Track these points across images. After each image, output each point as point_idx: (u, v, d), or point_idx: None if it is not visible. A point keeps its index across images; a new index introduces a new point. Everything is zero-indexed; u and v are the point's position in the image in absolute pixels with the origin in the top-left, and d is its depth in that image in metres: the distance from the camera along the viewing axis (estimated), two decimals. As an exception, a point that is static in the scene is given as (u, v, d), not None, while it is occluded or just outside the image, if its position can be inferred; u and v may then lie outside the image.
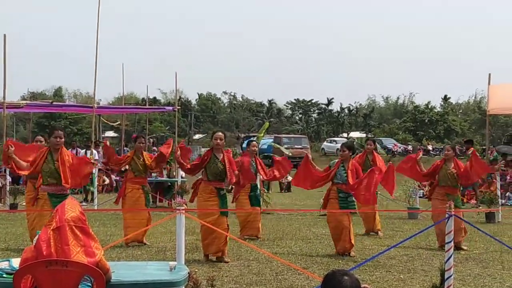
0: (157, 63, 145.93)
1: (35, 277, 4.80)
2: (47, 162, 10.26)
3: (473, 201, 21.82)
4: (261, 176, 14.59)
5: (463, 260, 11.10)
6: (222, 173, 10.88)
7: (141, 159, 13.01)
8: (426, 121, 76.70)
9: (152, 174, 23.10)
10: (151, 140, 46.34)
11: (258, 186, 14.59)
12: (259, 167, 14.01)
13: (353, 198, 11.87)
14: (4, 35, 20.72)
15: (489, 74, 22.96)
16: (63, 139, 10.31)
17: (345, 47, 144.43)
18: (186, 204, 6.24)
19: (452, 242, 6.26)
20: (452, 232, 6.28)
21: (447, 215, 6.31)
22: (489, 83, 22.85)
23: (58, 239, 4.83)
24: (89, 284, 4.98)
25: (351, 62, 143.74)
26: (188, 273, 5.57)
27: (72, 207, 4.99)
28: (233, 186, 13.19)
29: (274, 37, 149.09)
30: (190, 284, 5.89)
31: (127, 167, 13.43)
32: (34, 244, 5.00)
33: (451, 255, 6.23)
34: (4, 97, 21.51)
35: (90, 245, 4.90)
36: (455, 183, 12.71)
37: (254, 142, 14.46)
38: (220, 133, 11.18)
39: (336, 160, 12.16)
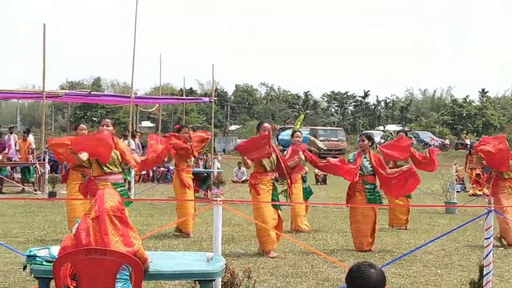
0: (194, 54, 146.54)
1: (75, 265, 4.84)
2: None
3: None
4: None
5: (502, 256, 10.97)
6: (274, 165, 10.86)
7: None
8: (464, 115, 75.86)
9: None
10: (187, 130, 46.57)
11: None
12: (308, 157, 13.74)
13: (379, 190, 11.76)
14: (44, 25, 21.04)
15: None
16: (111, 127, 10.00)
17: (381, 39, 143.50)
18: (223, 195, 6.23)
19: (492, 238, 6.17)
20: (492, 228, 6.18)
21: (486, 211, 6.21)
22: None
23: (97, 228, 4.86)
24: (127, 273, 5.00)
25: (387, 54, 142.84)
26: (225, 264, 5.57)
27: (111, 196, 5.01)
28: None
29: (310, 29, 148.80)
30: (227, 275, 5.89)
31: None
32: (73, 232, 5.03)
33: (490, 251, 6.15)
34: (43, 87, 21.80)
35: (129, 235, 4.92)
36: None
37: (298, 133, 14.17)
38: (267, 124, 11.16)
39: (355, 153, 11.91)
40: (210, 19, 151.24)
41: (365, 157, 11.60)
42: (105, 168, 9.81)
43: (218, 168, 22.02)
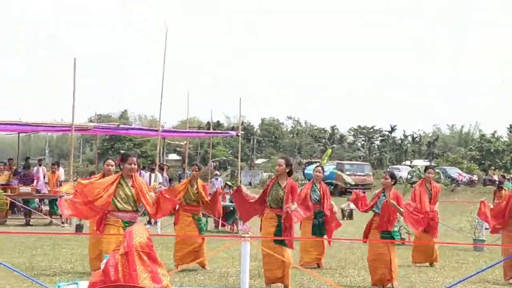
0: (220, 88, 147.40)
1: (103, 301, 4.86)
2: (120, 187, 9.37)
3: None
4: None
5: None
6: (282, 200, 10.79)
7: (195, 188, 13.05)
8: (492, 150, 75.30)
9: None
10: (213, 164, 46.70)
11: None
12: (324, 195, 13.72)
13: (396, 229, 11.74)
14: (74, 59, 21.29)
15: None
16: (136, 166, 9.81)
17: (408, 73, 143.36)
18: (250, 231, 6.22)
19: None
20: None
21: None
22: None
23: (126, 265, 4.88)
24: (155, 310, 5.01)
25: (415, 89, 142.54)
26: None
27: (140, 232, 5.04)
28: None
29: (337, 63, 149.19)
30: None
31: None
32: (102, 268, 5.06)
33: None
34: (72, 120, 22.01)
35: (157, 271, 4.94)
36: None
37: (319, 167, 14.16)
38: (280, 159, 11.15)
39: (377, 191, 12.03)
40: (236, 54, 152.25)
41: (384, 195, 11.62)
42: (118, 205, 9.53)
43: (244, 202, 21.98)
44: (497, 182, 32.85)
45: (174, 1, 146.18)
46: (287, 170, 10.92)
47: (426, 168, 14.98)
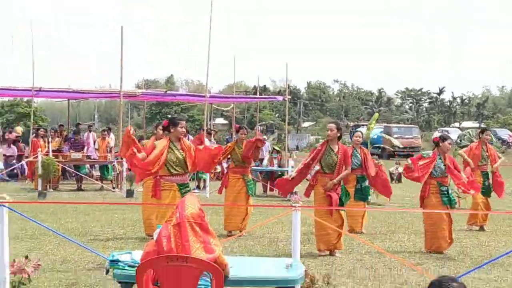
0: (268, 50, 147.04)
1: (157, 272, 4.90)
2: (171, 151, 9.88)
3: None
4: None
5: None
6: (336, 165, 10.78)
7: (242, 150, 13.10)
8: (544, 111, 73.85)
9: (263, 163, 23.32)
10: (260, 127, 46.70)
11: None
12: (366, 159, 13.64)
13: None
14: (121, 27, 21.39)
15: None
16: (185, 130, 10.14)
17: (455, 35, 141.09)
18: (301, 201, 6.22)
19: None
20: None
21: None
22: None
23: (179, 235, 4.90)
24: (208, 279, 5.04)
25: (463, 50, 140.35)
26: (305, 270, 5.56)
27: (192, 203, 5.05)
28: None
29: (388, 25, 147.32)
30: (306, 281, 5.88)
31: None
32: (155, 238, 5.10)
33: None
34: (121, 87, 22.20)
35: (209, 242, 4.95)
36: None
37: (358, 133, 14.16)
38: (331, 124, 11.11)
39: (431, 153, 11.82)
40: (284, 18, 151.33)
41: (440, 159, 11.45)
42: (171, 169, 9.95)
43: (292, 167, 21.99)
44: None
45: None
46: (338, 135, 10.89)
47: (483, 130, 14.71)
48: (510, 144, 51.51)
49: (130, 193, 18.90)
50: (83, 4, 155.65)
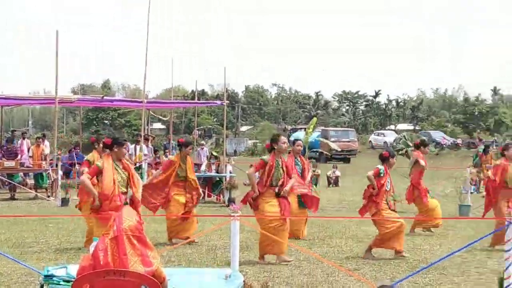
0: (204, 55, 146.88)
1: (93, 286, 4.82)
2: (116, 172, 9.81)
3: None
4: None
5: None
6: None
7: (186, 165, 13.04)
8: (476, 113, 75.60)
9: (201, 169, 23.24)
10: (198, 132, 46.61)
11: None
12: (305, 169, 13.68)
13: None
14: (57, 31, 21.10)
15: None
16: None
17: (391, 39, 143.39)
18: (240, 210, 6.21)
19: None
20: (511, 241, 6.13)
21: (506, 223, 6.16)
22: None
23: (116, 249, 4.85)
24: (146, 293, 4.99)
25: (399, 54, 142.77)
26: (243, 281, 5.55)
27: (129, 216, 5.00)
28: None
29: (323, 29, 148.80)
30: (245, 291, 5.88)
31: None
32: (91, 252, 5.02)
33: (510, 264, 6.09)
34: (56, 93, 21.86)
35: (147, 255, 4.92)
36: None
37: (300, 141, 14.08)
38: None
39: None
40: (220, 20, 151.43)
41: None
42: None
43: (230, 172, 22.00)
44: (483, 146, 32.98)
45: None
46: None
47: (417, 137, 14.90)
48: (444, 146, 52.54)
49: (65, 202, 18.62)
50: (17, 4, 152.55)
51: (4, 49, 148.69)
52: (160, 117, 43.46)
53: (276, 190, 10.75)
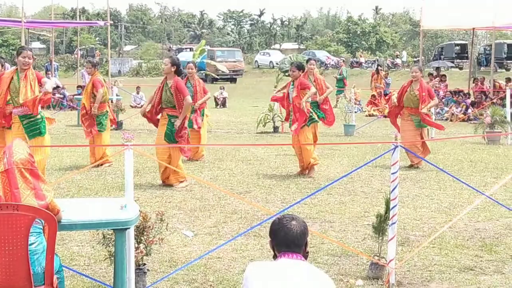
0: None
1: (-15, 222, 4.68)
2: (13, 82, 9.76)
3: None
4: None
5: (401, 181, 11.22)
6: (172, 101, 10.64)
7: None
8: (359, 32, 77.06)
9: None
10: (80, 52, 45.34)
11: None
12: (198, 89, 13.57)
13: None
14: None
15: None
16: (31, 60, 9.81)
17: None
18: (133, 139, 6.13)
19: (398, 173, 6.33)
20: (398, 164, 6.34)
21: (392, 146, 6.36)
22: (423, -1, 23.10)
23: (7, 182, 4.70)
24: (40, 226, 4.89)
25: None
26: (139, 211, 5.53)
27: (20, 149, 4.84)
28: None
29: None
30: (140, 220, 5.86)
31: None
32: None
33: (396, 186, 6.32)
34: None
35: (40, 188, 4.78)
36: (417, 105, 12.76)
37: (191, 64, 13.97)
38: (166, 59, 11.05)
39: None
40: None
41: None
42: (13, 102, 9.89)
43: (116, 95, 21.65)
44: (377, 65, 33.77)
45: None
46: (173, 70, 10.70)
47: (308, 60, 14.98)
48: (328, 65, 53.40)
49: None
50: None
51: None
52: (41, 34, 41.83)
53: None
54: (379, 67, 29.51)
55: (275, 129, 19.19)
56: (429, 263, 6.95)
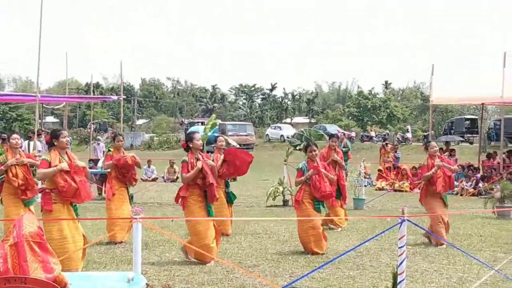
0: (99, 47, 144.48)
1: (-7, 295, 4.74)
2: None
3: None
4: None
5: (410, 255, 11.26)
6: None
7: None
8: (369, 107, 77.58)
9: (98, 165, 22.91)
10: (93, 126, 45.86)
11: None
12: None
13: None
14: None
15: (432, 65, 23.54)
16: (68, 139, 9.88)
17: (289, 35, 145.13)
18: (142, 213, 6.22)
19: (405, 247, 6.37)
20: (405, 237, 6.38)
21: (399, 220, 6.41)
22: (432, 74, 23.35)
23: (16, 255, 4.77)
24: (47, 299, 4.94)
25: (297, 48, 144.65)
26: (146, 284, 5.57)
27: (30, 222, 4.93)
28: None
29: (218, 23, 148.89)
30: (147, 293, 5.90)
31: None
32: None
33: (403, 260, 6.35)
34: None
35: (49, 261, 4.85)
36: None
37: (221, 137, 14.24)
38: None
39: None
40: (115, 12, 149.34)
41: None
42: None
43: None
44: (383, 140, 33.97)
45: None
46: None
47: (331, 136, 15.07)
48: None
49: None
50: None
51: None
52: (55, 108, 42.37)
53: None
54: (386, 141, 29.69)
55: (285, 203, 19.23)
56: None
